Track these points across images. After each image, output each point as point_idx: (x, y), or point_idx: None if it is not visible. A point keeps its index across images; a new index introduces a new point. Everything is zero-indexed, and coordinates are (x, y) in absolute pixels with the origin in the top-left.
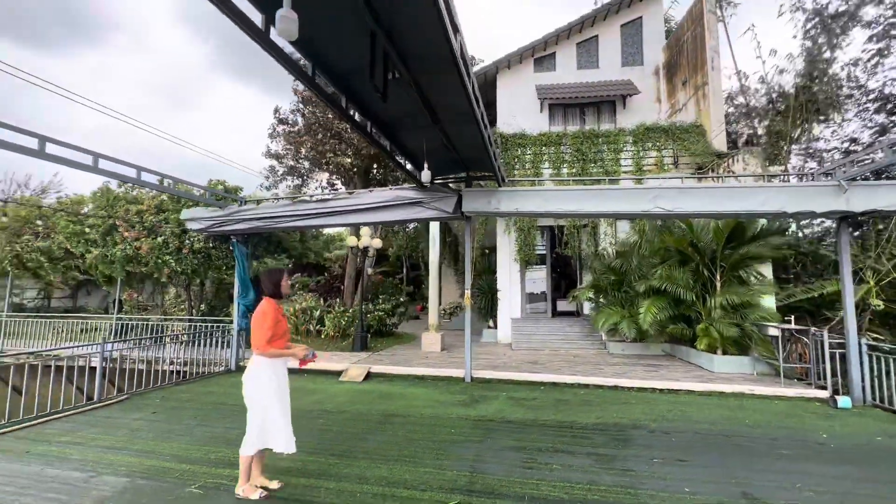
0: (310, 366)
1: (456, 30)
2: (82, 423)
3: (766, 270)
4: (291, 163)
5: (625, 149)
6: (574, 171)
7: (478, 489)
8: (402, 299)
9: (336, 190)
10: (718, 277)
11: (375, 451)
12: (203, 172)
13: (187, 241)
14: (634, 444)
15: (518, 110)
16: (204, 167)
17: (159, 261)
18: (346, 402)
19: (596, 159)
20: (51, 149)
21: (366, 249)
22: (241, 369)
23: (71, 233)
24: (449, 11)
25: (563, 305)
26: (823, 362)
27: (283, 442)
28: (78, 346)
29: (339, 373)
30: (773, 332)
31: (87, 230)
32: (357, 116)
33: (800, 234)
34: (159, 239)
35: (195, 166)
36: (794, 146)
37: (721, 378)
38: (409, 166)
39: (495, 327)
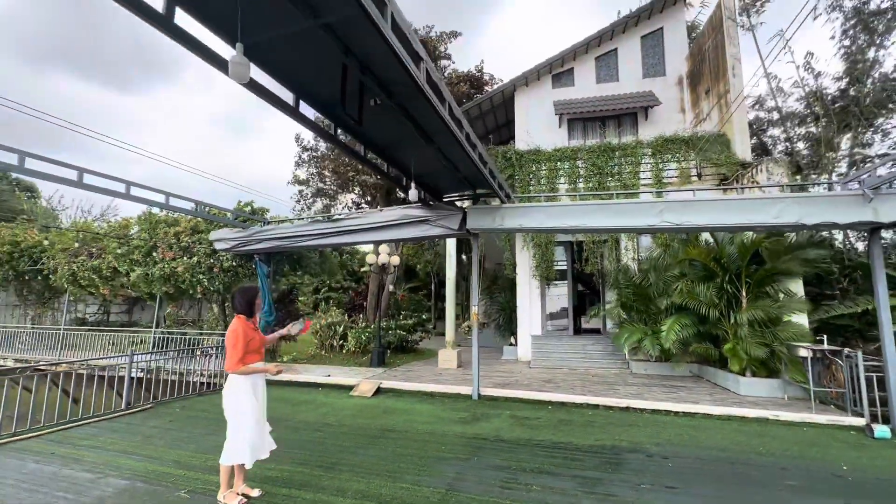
0: (324, 380)
1: (418, 59)
2: (105, 428)
3: (796, 286)
4: (319, 185)
5: (643, 161)
6: (590, 185)
7: None
8: (423, 316)
9: (362, 208)
10: (744, 294)
11: (361, 465)
12: (250, 195)
13: (217, 261)
14: (626, 468)
15: (537, 127)
16: (250, 192)
17: (193, 279)
18: (349, 416)
19: (613, 173)
20: (88, 179)
21: (384, 266)
22: (267, 381)
23: (118, 254)
24: (406, 43)
25: (586, 322)
26: (860, 387)
27: (257, 450)
28: (109, 358)
29: (351, 387)
30: (804, 352)
31: (132, 251)
32: (350, 141)
33: (848, 246)
34: (193, 259)
35: (242, 193)
36: (838, 153)
37: (747, 402)
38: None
39: (516, 344)
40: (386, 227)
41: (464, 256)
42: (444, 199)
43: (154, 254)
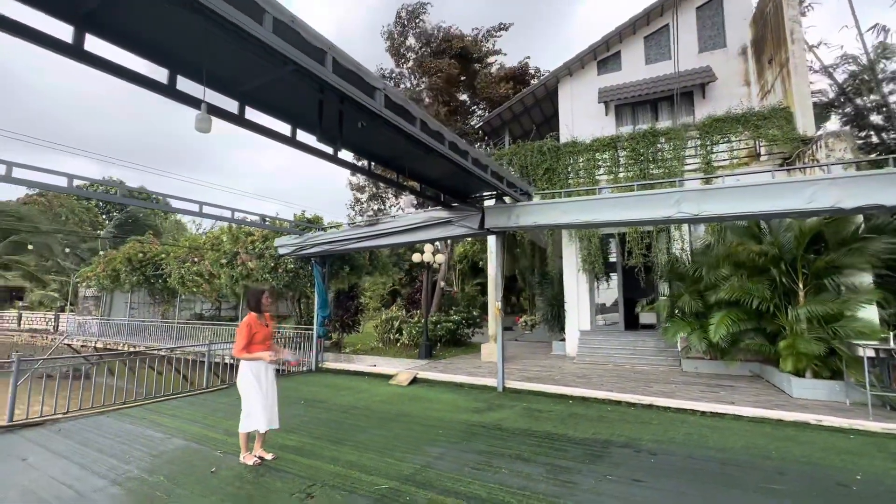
0: (370, 370)
1: (371, 90)
2: (186, 402)
3: (864, 277)
4: (373, 189)
5: (689, 145)
6: (631, 175)
7: (416, 480)
8: (475, 312)
9: (416, 210)
10: (801, 286)
11: (363, 442)
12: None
13: (282, 263)
14: (605, 460)
15: (582, 117)
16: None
17: (262, 279)
18: (377, 401)
19: (657, 160)
20: (175, 204)
21: (429, 264)
22: (320, 370)
23: (213, 259)
24: (356, 78)
25: (642, 318)
26: None
27: (265, 422)
28: (194, 346)
29: (391, 377)
30: (865, 351)
31: (222, 257)
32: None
33: None
34: (263, 261)
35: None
36: None
37: (797, 405)
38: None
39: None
40: (414, 228)
41: (517, 250)
42: (473, 199)
43: (236, 259)
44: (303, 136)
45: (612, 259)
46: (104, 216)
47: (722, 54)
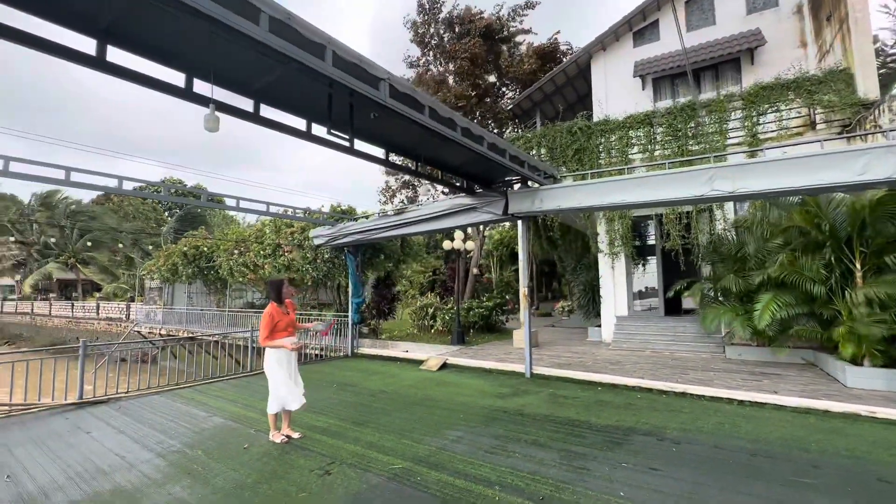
0: (402, 355)
1: (376, 81)
2: (232, 384)
3: None
4: (406, 177)
5: (733, 117)
6: (668, 152)
7: (429, 461)
8: (507, 297)
9: (447, 197)
10: (858, 266)
11: (386, 424)
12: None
13: (319, 253)
14: (624, 448)
15: (617, 94)
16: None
17: (303, 268)
18: (406, 386)
19: (696, 135)
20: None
21: (459, 251)
22: (356, 356)
23: (257, 251)
24: (359, 70)
25: (685, 302)
26: None
27: (290, 403)
28: (237, 331)
29: (422, 362)
30: None
31: (265, 248)
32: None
33: None
34: (302, 252)
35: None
36: None
37: (850, 395)
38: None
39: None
40: (440, 216)
41: (550, 234)
42: (499, 185)
43: (279, 250)
44: (319, 130)
45: (652, 242)
46: (167, 213)
47: (772, 14)
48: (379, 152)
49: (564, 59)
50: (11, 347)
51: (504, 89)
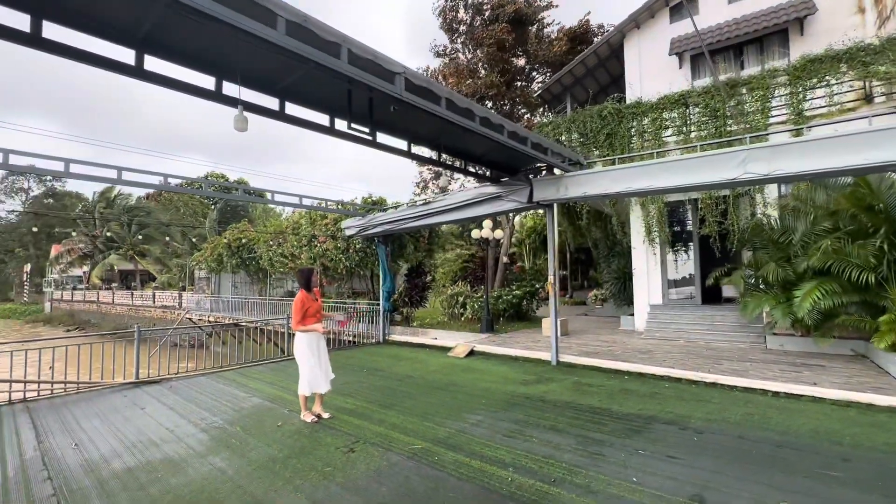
0: (431, 342)
1: (391, 75)
2: (270, 367)
3: None
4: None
5: (777, 95)
6: (704, 134)
7: (448, 442)
8: (538, 286)
9: (474, 186)
10: None
11: (410, 407)
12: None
13: (352, 244)
14: (643, 436)
15: (652, 74)
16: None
17: (336, 258)
18: (432, 371)
19: (736, 114)
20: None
21: (488, 240)
22: (387, 342)
23: (294, 242)
24: (375, 66)
25: (725, 291)
26: None
27: (320, 385)
28: (275, 319)
29: (450, 349)
30: None
31: (301, 239)
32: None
33: None
34: (335, 242)
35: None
36: None
37: None
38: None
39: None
40: (465, 205)
41: (579, 222)
42: (525, 172)
43: (314, 241)
44: (341, 125)
45: (689, 227)
46: (213, 206)
47: None
48: (402, 144)
49: (597, 41)
50: (81, 332)
51: (534, 73)
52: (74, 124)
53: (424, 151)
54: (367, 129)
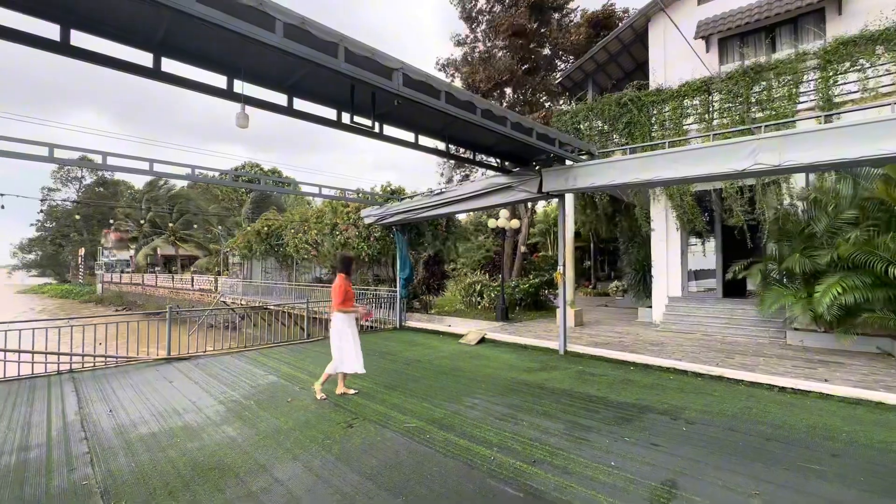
0: (445, 329)
1: (388, 71)
2: (290, 348)
3: None
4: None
5: (806, 80)
6: (727, 121)
7: (441, 423)
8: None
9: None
10: None
11: (413, 390)
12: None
13: (372, 232)
14: (632, 424)
15: (677, 58)
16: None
17: (358, 246)
18: (441, 357)
19: (761, 100)
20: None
21: (504, 230)
22: (404, 328)
23: (318, 230)
24: (373, 63)
25: (748, 284)
26: None
27: (357, 366)
28: (296, 302)
29: (462, 336)
30: None
31: (324, 227)
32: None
33: None
34: (356, 230)
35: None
36: None
37: None
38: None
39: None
40: (478, 195)
41: (598, 211)
42: (539, 161)
43: (336, 229)
44: (348, 119)
45: (713, 218)
46: (247, 195)
47: None
48: (409, 136)
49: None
50: (126, 311)
51: (556, 61)
52: (125, 120)
53: (435, 143)
54: (371, 123)
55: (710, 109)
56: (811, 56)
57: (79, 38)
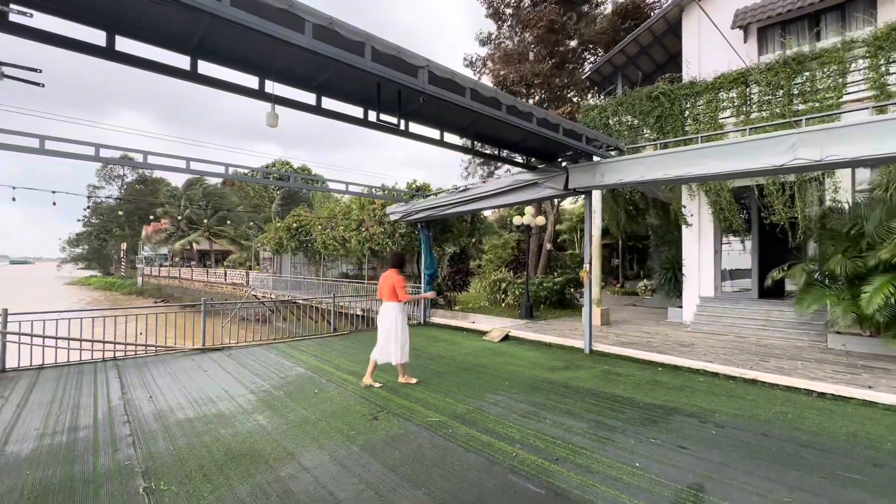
0: (469, 326)
1: (413, 69)
2: (317, 342)
3: None
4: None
5: (853, 69)
6: (766, 115)
7: (464, 418)
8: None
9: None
10: None
11: (436, 385)
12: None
13: (396, 228)
14: (659, 425)
15: (712, 50)
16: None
17: (384, 242)
18: (464, 353)
19: (804, 92)
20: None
21: (529, 227)
22: (428, 324)
23: (345, 226)
24: (399, 62)
25: (787, 285)
26: None
27: (396, 357)
28: (321, 298)
29: (486, 333)
30: None
31: (351, 223)
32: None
33: None
34: (382, 227)
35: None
36: None
37: None
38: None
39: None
40: (503, 192)
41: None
42: (566, 157)
43: (363, 225)
44: (374, 117)
45: (749, 216)
46: (277, 192)
47: None
48: (434, 133)
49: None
50: (164, 304)
51: (585, 54)
52: (165, 120)
53: (460, 140)
54: (396, 121)
55: (748, 102)
56: (860, 44)
57: (123, 44)
